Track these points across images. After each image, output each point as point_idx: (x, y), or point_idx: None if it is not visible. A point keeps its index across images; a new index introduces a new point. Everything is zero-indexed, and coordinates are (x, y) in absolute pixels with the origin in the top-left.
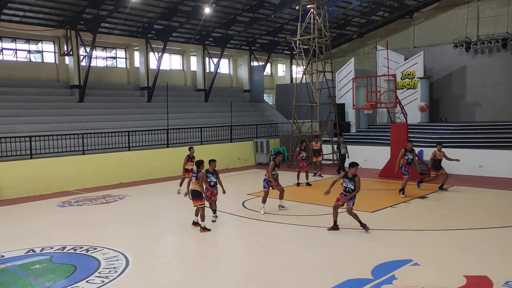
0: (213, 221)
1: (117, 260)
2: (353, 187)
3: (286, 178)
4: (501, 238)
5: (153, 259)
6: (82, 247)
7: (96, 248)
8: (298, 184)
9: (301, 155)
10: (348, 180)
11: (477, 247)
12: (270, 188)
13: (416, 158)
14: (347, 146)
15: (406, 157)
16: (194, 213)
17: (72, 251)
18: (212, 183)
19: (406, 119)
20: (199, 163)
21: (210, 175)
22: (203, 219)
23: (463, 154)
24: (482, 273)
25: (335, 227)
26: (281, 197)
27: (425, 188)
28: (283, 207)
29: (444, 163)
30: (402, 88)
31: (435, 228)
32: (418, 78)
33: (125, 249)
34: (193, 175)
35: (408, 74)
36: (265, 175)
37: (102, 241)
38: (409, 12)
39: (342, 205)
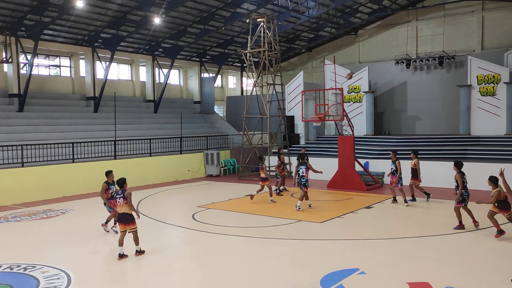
0: (116, 231)
1: (58, 278)
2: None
3: (238, 189)
4: (439, 245)
5: (97, 276)
6: (20, 266)
7: (35, 266)
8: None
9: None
10: None
11: (418, 254)
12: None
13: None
14: (308, 158)
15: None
16: (118, 242)
17: (8, 270)
18: (113, 194)
19: (352, 131)
20: (122, 182)
21: (112, 186)
22: (137, 242)
23: (404, 165)
24: (423, 279)
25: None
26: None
27: (372, 198)
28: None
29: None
30: (349, 102)
31: (380, 237)
32: (363, 92)
33: (66, 266)
34: (117, 196)
35: (354, 88)
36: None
37: (42, 258)
38: (354, 29)
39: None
